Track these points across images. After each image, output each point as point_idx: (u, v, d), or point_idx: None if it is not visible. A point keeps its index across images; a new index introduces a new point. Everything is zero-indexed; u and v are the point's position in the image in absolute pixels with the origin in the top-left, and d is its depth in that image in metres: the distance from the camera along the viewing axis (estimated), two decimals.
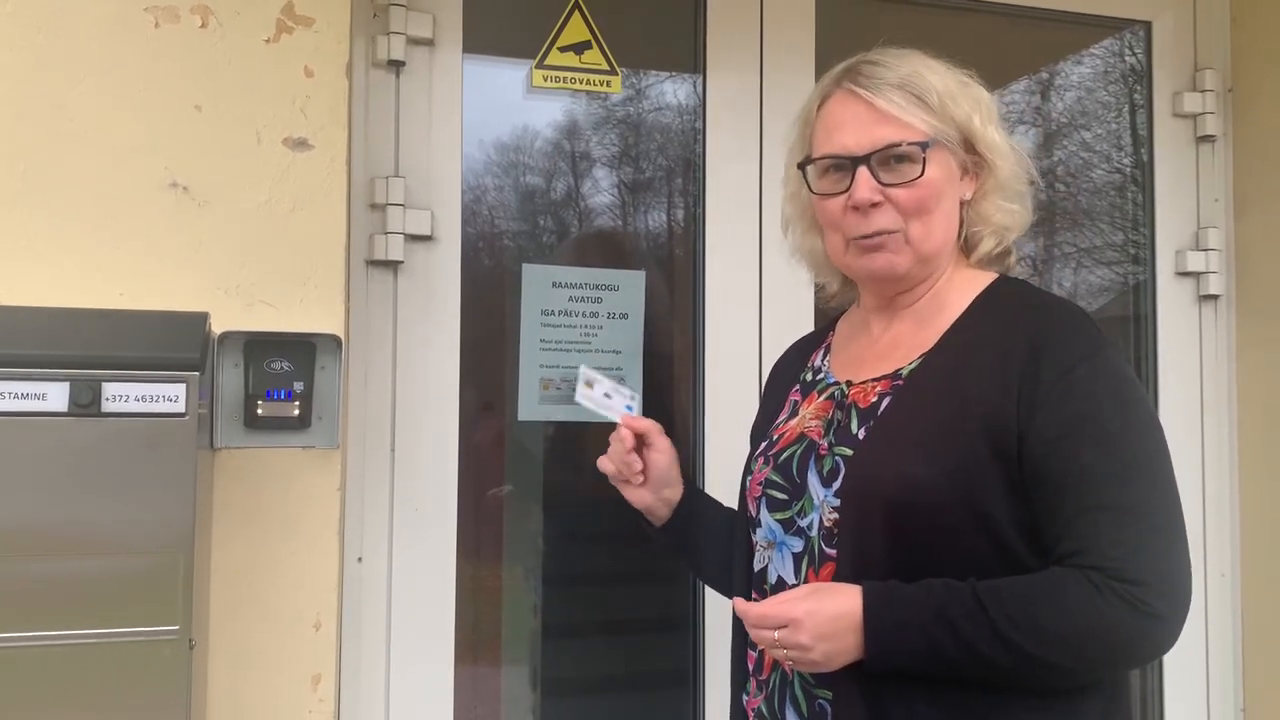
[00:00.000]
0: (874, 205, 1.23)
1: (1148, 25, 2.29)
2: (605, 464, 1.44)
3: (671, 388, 2.06)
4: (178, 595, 1.34)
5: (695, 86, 2.07)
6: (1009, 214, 1.30)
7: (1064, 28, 2.31)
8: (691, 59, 2.07)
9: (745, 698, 1.35)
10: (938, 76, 1.26)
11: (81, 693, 1.31)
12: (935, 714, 1.14)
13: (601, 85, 2.01)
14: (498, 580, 2.05)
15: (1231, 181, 2.28)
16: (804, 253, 1.43)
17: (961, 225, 1.31)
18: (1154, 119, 2.28)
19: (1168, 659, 2.21)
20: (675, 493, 1.45)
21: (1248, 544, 2.23)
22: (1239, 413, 2.25)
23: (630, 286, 1.99)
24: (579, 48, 1.98)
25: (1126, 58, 2.36)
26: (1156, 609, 1.08)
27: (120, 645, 1.32)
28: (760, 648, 1.28)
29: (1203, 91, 2.26)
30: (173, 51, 1.60)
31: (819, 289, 1.50)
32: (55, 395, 1.31)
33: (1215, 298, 2.26)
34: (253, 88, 1.62)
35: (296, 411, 1.56)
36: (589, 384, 1.41)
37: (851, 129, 1.25)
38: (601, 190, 2.14)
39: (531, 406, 1.94)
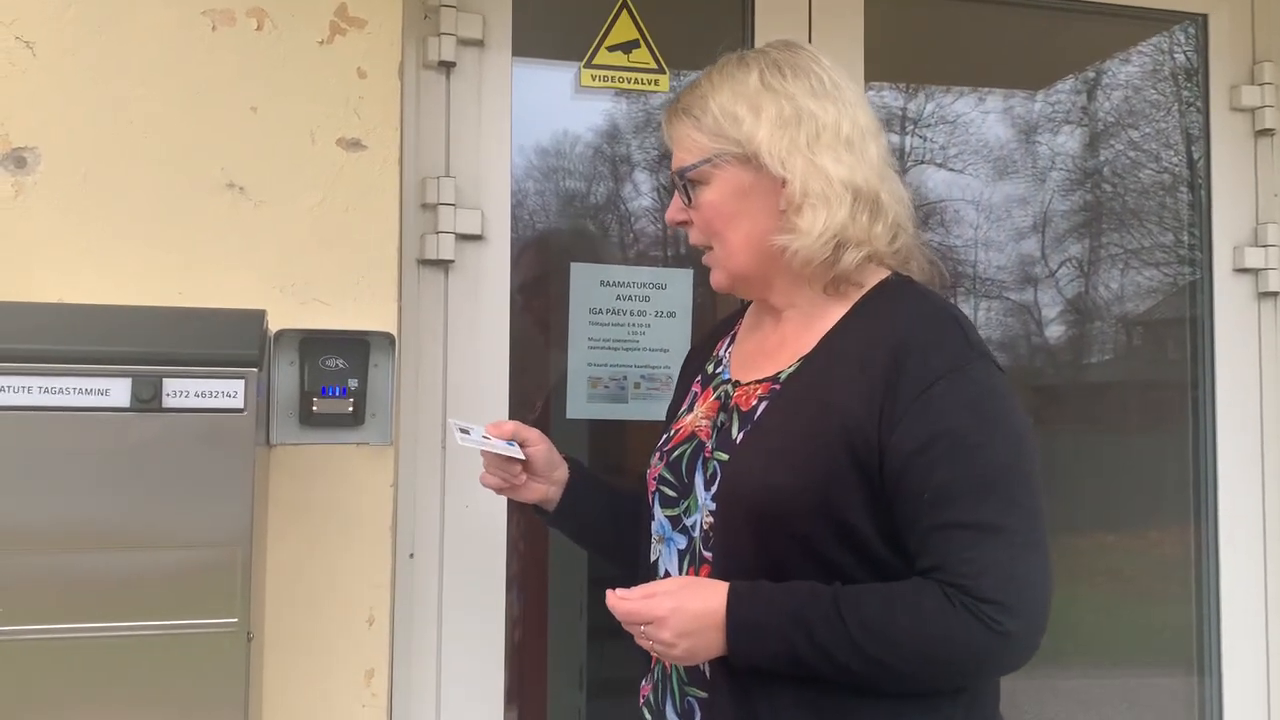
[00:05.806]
0: (682, 223, 1.30)
1: (1203, 18, 2.25)
2: (488, 479, 1.42)
3: None
4: (236, 588, 1.35)
5: None
6: (810, 223, 1.20)
7: (1117, 22, 2.28)
8: None
9: (643, 683, 1.38)
10: (726, 96, 1.24)
11: (142, 682, 1.33)
12: (802, 715, 1.15)
13: (650, 84, 2.01)
14: (544, 577, 2.05)
15: None
16: None
17: None
18: (1210, 113, 2.24)
19: (1227, 668, 2.17)
20: (563, 473, 1.44)
21: None
22: None
23: (678, 285, 1.99)
24: (627, 47, 1.99)
25: (1176, 54, 2.32)
26: (1006, 627, 1.08)
27: (180, 636, 1.34)
28: None
29: (1261, 85, 2.21)
30: (229, 54, 1.62)
31: None
32: (117, 391, 1.33)
33: (1275, 294, 2.21)
34: (307, 89, 1.64)
35: (351, 408, 1.57)
36: (465, 431, 1.37)
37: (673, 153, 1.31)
38: (645, 192, 2.14)
39: (580, 404, 1.95)
